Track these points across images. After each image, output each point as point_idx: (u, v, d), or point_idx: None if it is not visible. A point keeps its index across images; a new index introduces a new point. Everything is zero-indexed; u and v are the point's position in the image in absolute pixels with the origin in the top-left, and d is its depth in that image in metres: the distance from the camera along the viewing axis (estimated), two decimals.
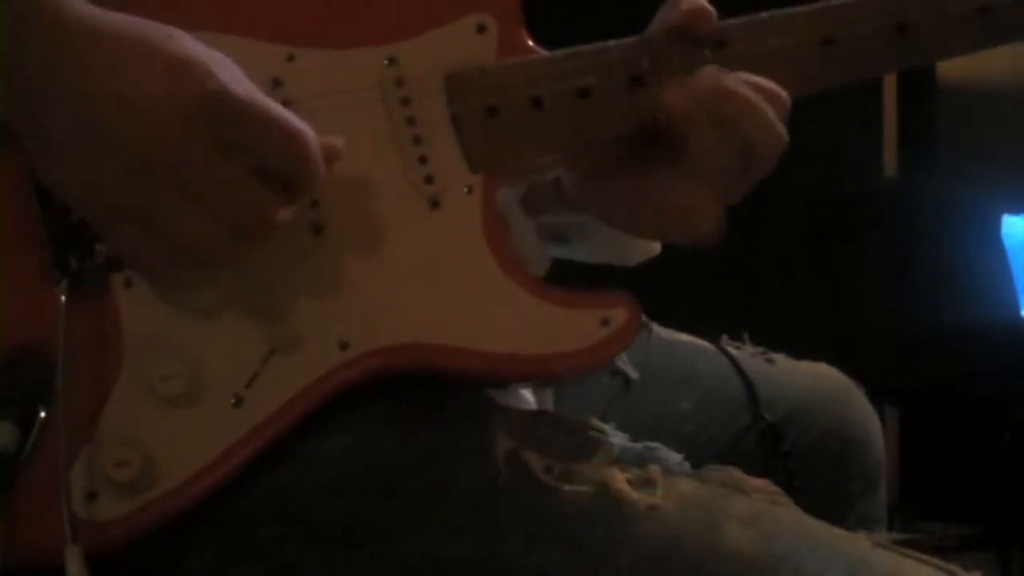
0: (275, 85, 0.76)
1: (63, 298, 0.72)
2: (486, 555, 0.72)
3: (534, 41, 0.81)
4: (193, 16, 0.75)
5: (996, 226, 2.85)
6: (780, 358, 1.06)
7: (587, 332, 0.78)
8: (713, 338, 1.05)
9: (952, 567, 0.72)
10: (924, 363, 2.60)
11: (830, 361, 1.12)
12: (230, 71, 0.69)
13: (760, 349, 1.05)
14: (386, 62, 0.78)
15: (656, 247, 0.95)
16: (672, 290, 0.99)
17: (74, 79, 0.67)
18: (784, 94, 0.80)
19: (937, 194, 2.80)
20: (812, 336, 1.34)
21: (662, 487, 0.73)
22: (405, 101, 0.78)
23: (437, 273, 0.77)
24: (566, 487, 0.73)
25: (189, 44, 0.69)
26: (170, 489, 0.73)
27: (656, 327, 1.04)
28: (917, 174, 3.14)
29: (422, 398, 0.78)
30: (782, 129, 0.79)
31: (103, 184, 0.68)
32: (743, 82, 0.79)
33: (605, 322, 0.78)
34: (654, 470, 0.75)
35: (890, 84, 3.23)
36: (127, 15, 0.69)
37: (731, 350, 1.03)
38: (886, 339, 2.62)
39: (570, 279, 0.82)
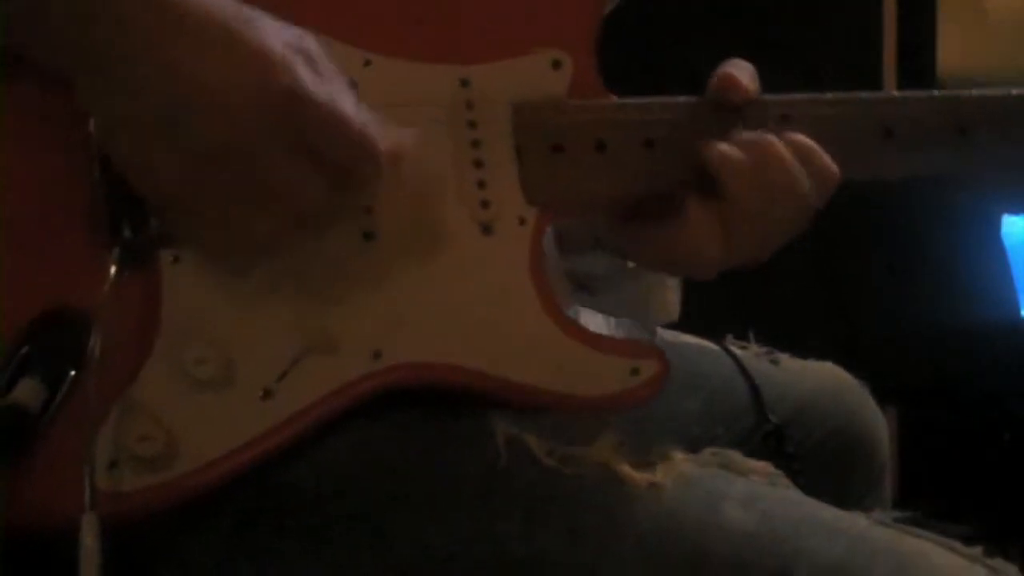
0: (350, 87, 0.77)
1: (113, 266, 0.73)
2: (485, 538, 0.73)
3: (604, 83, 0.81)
4: (280, 9, 0.76)
5: (996, 226, 2.84)
6: (785, 358, 1.07)
7: (616, 378, 0.79)
8: (717, 338, 1.05)
9: (952, 541, 0.72)
10: (924, 363, 2.60)
11: (830, 361, 1.12)
12: (310, 64, 0.69)
13: (765, 349, 1.05)
14: (459, 83, 0.78)
15: (676, 314, 0.96)
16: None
17: (152, 60, 0.67)
18: (834, 169, 0.79)
19: (937, 194, 2.79)
20: (812, 336, 1.34)
21: (661, 468, 0.73)
22: (472, 124, 0.79)
23: (479, 298, 0.78)
24: (567, 469, 0.73)
25: (272, 32, 0.69)
26: (189, 471, 0.73)
27: (660, 330, 1.04)
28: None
29: (423, 392, 0.78)
30: (815, 201, 0.79)
31: (165, 167, 0.68)
32: (793, 145, 0.79)
33: (635, 371, 0.79)
34: (654, 453, 0.75)
35: (890, 84, 3.23)
36: None
37: (736, 350, 1.03)
38: (886, 339, 2.62)
39: None
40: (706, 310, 0.97)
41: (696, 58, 0.85)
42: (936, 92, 0.84)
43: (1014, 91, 0.85)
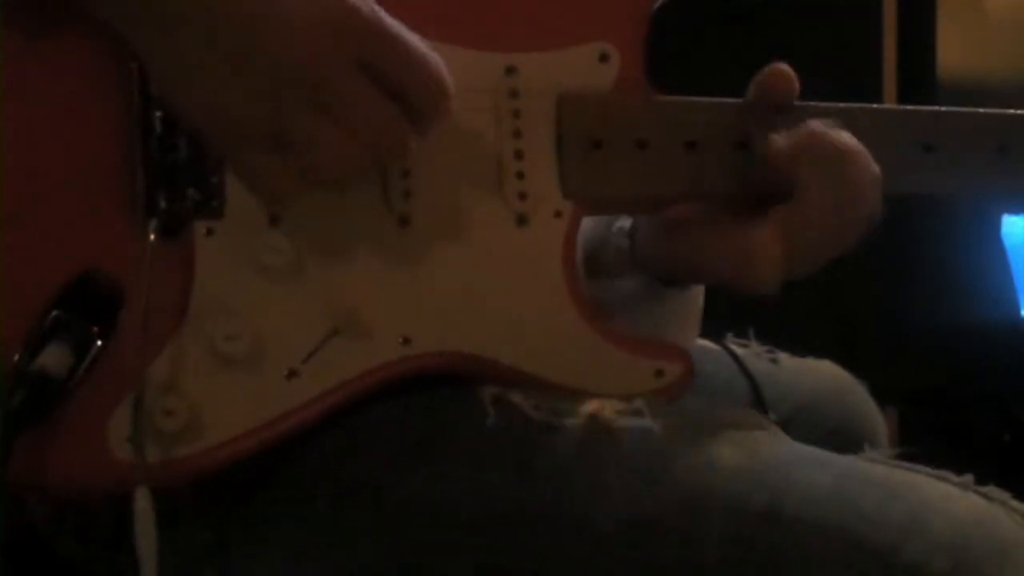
0: None
1: (152, 236, 0.73)
2: (475, 492, 0.73)
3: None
4: None
5: (996, 226, 2.84)
6: (784, 357, 1.07)
7: (640, 379, 0.79)
8: (717, 337, 1.05)
9: (943, 472, 0.72)
10: (924, 363, 2.60)
11: (830, 360, 1.12)
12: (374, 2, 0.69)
13: (766, 348, 1.05)
14: (504, 70, 0.78)
15: (694, 343, 0.95)
16: None
17: None
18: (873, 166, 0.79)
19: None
20: (812, 336, 1.34)
21: (649, 415, 0.74)
22: (516, 113, 0.78)
23: (510, 290, 0.78)
24: (554, 421, 0.73)
25: None
26: (210, 447, 0.73)
27: None
28: None
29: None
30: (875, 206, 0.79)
31: (242, 100, 0.68)
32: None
33: (659, 373, 0.79)
34: (640, 402, 0.75)
35: (890, 84, 3.23)
36: None
37: (736, 350, 1.03)
38: (886, 339, 2.62)
39: None
40: (706, 309, 0.97)
41: (696, 58, 0.85)
42: (980, 110, 0.84)
43: None
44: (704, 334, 1.04)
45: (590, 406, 0.76)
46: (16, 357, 0.69)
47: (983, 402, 2.63)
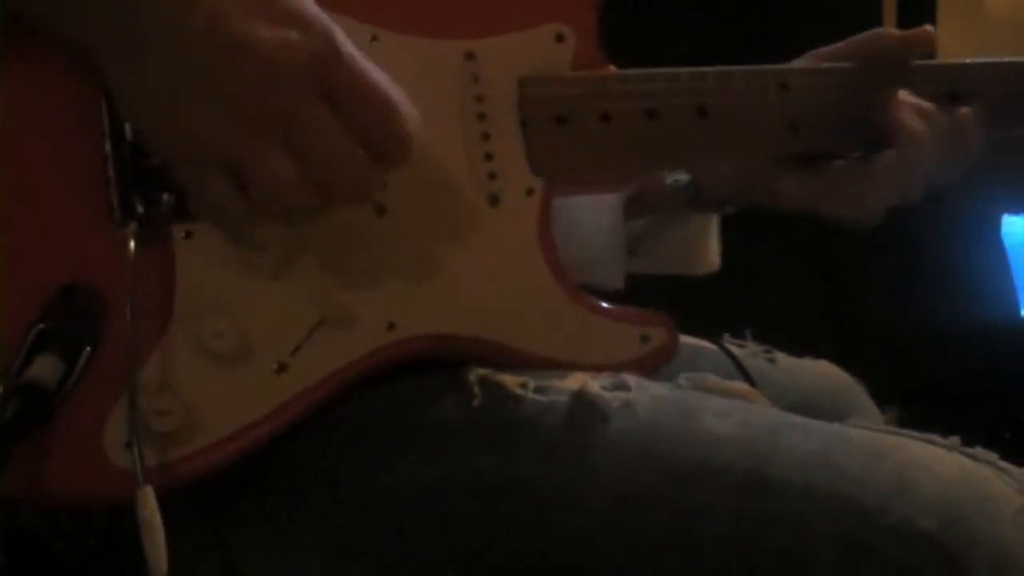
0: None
1: (132, 242, 0.72)
2: (462, 472, 0.73)
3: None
4: None
5: (996, 226, 2.84)
6: (782, 356, 1.07)
7: (626, 347, 0.79)
8: (714, 337, 1.05)
9: (929, 435, 0.72)
10: (924, 363, 2.60)
11: (830, 360, 1.12)
12: (342, 33, 0.69)
13: (763, 347, 1.05)
14: (465, 57, 0.79)
15: (718, 262, 0.97)
16: (673, 289, 1.00)
17: (187, 18, 0.67)
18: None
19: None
20: (812, 336, 1.34)
21: (636, 388, 0.74)
22: (479, 98, 0.79)
23: (489, 269, 0.78)
24: (541, 398, 0.73)
25: (313, 3, 0.69)
26: (207, 445, 0.73)
27: None
28: None
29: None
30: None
31: (202, 126, 0.68)
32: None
33: (645, 339, 0.79)
34: (627, 378, 0.75)
35: None
36: None
37: (733, 349, 1.03)
38: (886, 339, 2.62)
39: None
40: (704, 309, 0.98)
41: (696, 59, 0.85)
42: None
43: None
44: (700, 334, 1.04)
45: (576, 382, 0.76)
46: (6, 370, 0.69)
47: (983, 402, 2.63)
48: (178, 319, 0.74)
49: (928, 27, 0.85)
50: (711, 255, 1.00)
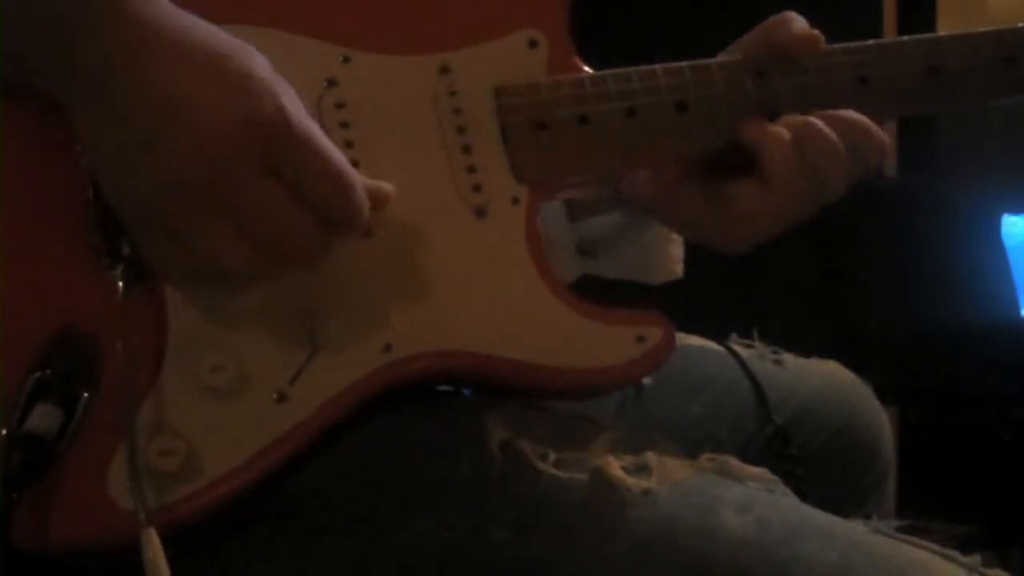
0: (330, 85, 0.77)
1: (120, 283, 0.72)
2: (478, 543, 0.73)
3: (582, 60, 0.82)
4: (256, 11, 0.76)
5: (996, 226, 2.85)
6: (789, 358, 1.06)
7: (623, 349, 0.79)
8: (721, 338, 1.05)
9: (950, 552, 0.72)
10: (924, 363, 2.60)
11: (830, 360, 1.12)
12: (292, 99, 0.69)
13: (770, 349, 1.05)
14: (439, 71, 0.79)
15: (679, 271, 0.96)
16: (672, 290, 1.00)
17: (132, 77, 0.66)
18: (873, 127, 0.80)
19: (937, 194, 2.80)
20: (812, 336, 1.34)
21: (657, 473, 0.73)
22: (456, 111, 0.79)
23: (480, 282, 0.78)
24: (561, 474, 0.73)
25: (262, 65, 0.68)
26: (212, 481, 0.73)
27: None
28: (917, 174, 3.14)
29: (420, 390, 0.78)
30: (862, 174, 0.80)
31: (140, 187, 0.68)
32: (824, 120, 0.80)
33: (640, 339, 0.79)
34: (649, 457, 0.75)
35: None
36: (201, 21, 0.69)
37: (740, 351, 1.03)
38: (886, 339, 2.62)
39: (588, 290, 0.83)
40: (710, 311, 0.97)
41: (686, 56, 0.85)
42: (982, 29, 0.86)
43: None
44: (707, 335, 1.04)
45: (597, 455, 0.75)
46: (6, 423, 0.69)
47: (983, 402, 2.63)
48: (172, 357, 0.74)
49: (818, 34, 0.82)
50: (671, 263, 0.98)
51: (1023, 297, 2.76)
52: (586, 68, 0.82)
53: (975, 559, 0.71)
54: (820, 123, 0.79)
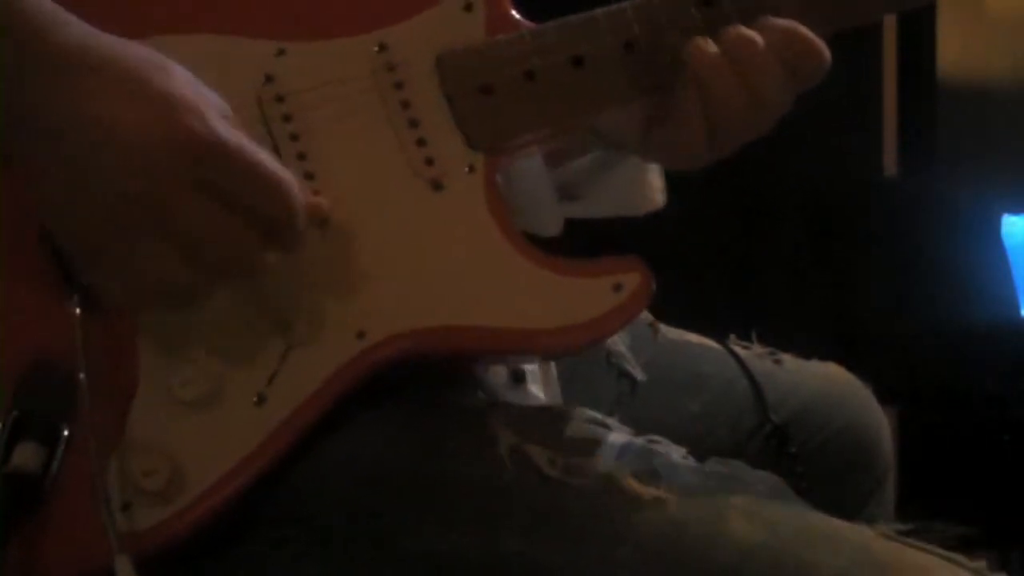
0: (268, 81, 0.77)
1: (77, 311, 0.72)
2: (487, 549, 0.72)
3: (520, 15, 0.81)
4: (183, 18, 0.75)
5: (996, 226, 2.84)
6: (788, 358, 1.06)
7: (600, 300, 0.78)
8: (720, 338, 1.05)
9: (955, 555, 0.72)
10: (924, 363, 2.60)
11: (830, 361, 1.12)
12: (219, 113, 0.69)
13: (768, 349, 1.05)
14: (376, 48, 0.78)
15: (661, 200, 0.95)
16: (672, 289, 0.99)
17: (55, 104, 0.67)
18: (822, 51, 0.79)
19: (937, 194, 2.79)
20: (811, 336, 1.34)
21: (665, 480, 0.73)
22: (398, 85, 0.78)
23: (446, 254, 0.77)
24: (570, 480, 0.73)
25: (182, 80, 0.68)
26: (201, 493, 0.73)
27: (663, 327, 1.04)
28: (917, 174, 3.14)
29: (425, 393, 0.78)
30: (802, 88, 0.79)
31: (75, 216, 0.68)
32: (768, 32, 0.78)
33: (618, 287, 0.78)
34: (657, 463, 0.74)
35: (890, 83, 3.23)
36: (120, 40, 0.68)
37: (739, 351, 1.03)
38: (886, 339, 2.62)
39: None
40: (709, 310, 0.97)
41: None
42: None
43: None
44: (706, 334, 1.04)
45: (606, 466, 0.75)
46: None
47: (983, 402, 2.63)
48: (145, 375, 0.74)
49: None
50: (652, 193, 0.98)
51: (1023, 297, 2.76)
52: (526, 23, 0.81)
53: (980, 564, 0.71)
54: (752, 33, 0.78)
